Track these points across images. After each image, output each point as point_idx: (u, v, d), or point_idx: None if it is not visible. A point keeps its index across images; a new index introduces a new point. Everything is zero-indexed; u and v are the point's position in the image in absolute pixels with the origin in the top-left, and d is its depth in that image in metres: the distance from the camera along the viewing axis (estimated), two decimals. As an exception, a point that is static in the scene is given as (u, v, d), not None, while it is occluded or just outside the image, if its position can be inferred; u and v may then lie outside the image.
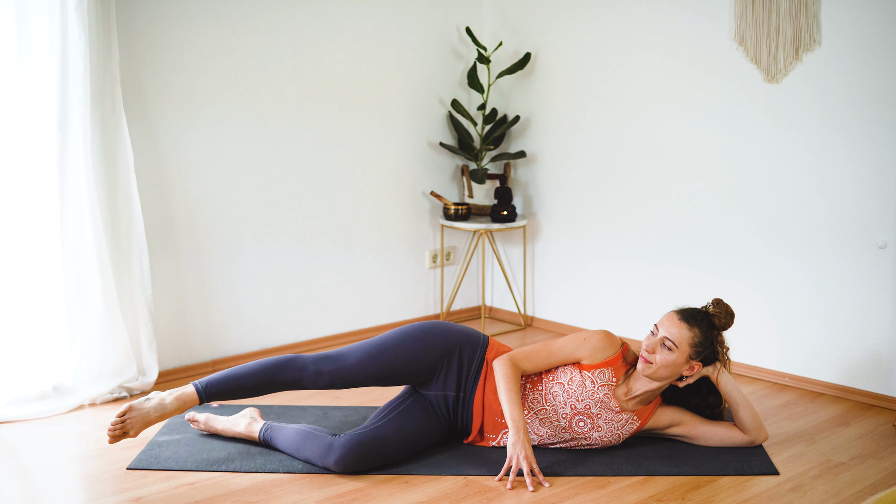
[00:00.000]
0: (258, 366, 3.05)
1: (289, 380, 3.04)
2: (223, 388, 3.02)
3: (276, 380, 3.03)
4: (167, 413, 2.96)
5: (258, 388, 3.03)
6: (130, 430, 2.93)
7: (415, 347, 3.07)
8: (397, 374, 3.06)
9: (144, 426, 2.95)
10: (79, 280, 3.51)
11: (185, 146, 3.85)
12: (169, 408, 2.97)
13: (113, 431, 2.91)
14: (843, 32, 3.54)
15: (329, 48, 4.22)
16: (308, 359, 3.06)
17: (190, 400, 2.99)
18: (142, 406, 2.95)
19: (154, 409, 2.95)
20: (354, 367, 3.04)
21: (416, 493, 2.80)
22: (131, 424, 2.93)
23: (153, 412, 2.95)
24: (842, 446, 3.19)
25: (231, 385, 3.02)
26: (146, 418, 2.94)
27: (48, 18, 3.35)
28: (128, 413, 2.93)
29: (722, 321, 3.00)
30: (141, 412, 2.94)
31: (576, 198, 4.52)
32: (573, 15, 4.41)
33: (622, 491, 2.83)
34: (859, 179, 3.57)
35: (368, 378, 3.06)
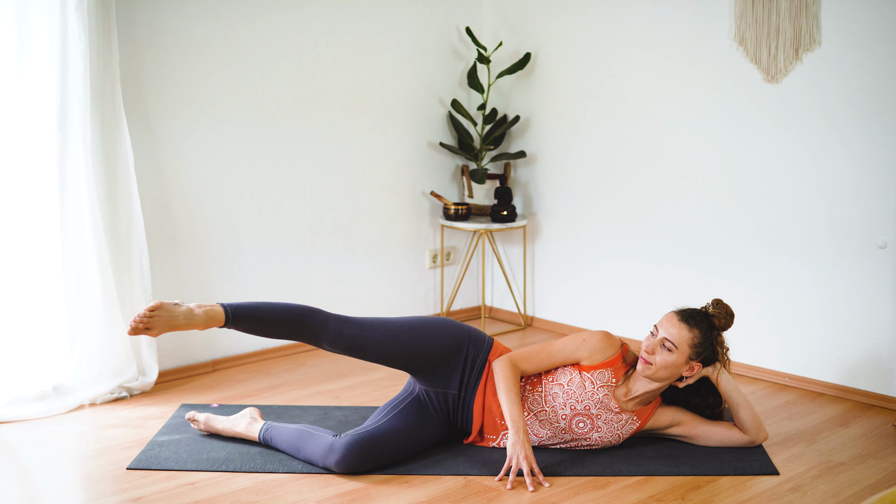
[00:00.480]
0: (286, 307, 3.02)
1: (311, 329, 3.00)
2: (250, 316, 2.98)
3: (301, 325, 3.00)
4: (193, 323, 2.91)
5: (281, 327, 3.00)
6: (155, 327, 2.87)
7: (432, 335, 3.07)
8: (415, 358, 3.05)
9: (169, 329, 2.88)
10: (79, 280, 3.51)
11: (185, 146, 3.85)
12: (197, 319, 2.92)
13: (137, 324, 2.85)
14: (843, 32, 3.55)
15: (329, 48, 4.23)
16: (331, 317, 3.03)
17: (217, 317, 2.94)
18: (172, 308, 2.90)
19: (183, 315, 2.91)
20: (374, 340, 3.02)
21: (416, 493, 2.80)
22: (157, 322, 2.87)
23: (181, 317, 2.90)
24: (842, 446, 3.19)
25: (257, 315, 2.99)
26: (173, 321, 2.89)
27: (48, 18, 3.35)
28: (157, 310, 2.88)
29: (722, 322, 3.00)
30: (171, 313, 2.89)
31: (576, 198, 4.52)
32: (573, 15, 4.41)
33: (622, 491, 2.83)
34: (859, 179, 3.57)
35: (385, 357, 3.05)
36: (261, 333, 3.03)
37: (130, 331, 2.86)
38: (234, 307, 2.97)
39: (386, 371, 3.98)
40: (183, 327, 2.90)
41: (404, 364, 3.07)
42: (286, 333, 3.02)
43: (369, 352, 3.04)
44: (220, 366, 4.03)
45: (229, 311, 2.95)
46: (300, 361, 4.15)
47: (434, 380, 3.07)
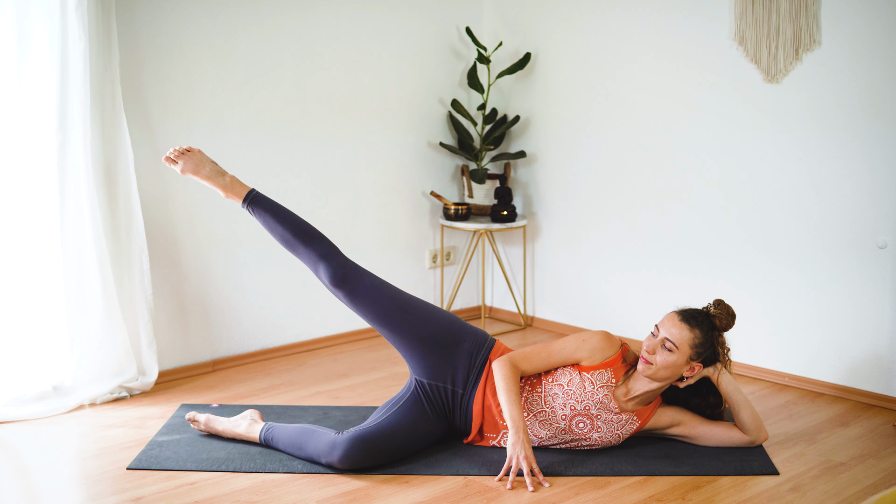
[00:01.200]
0: (301, 222, 3.17)
1: (318, 248, 3.13)
2: (268, 208, 3.17)
3: (311, 239, 3.14)
4: (216, 181, 3.19)
5: (288, 235, 3.14)
6: (183, 163, 3.18)
7: (435, 316, 3.12)
8: (405, 323, 3.08)
9: (193, 172, 3.19)
10: (79, 280, 3.51)
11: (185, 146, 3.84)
12: (223, 180, 3.20)
13: (171, 154, 3.19)
14: (842, 32, 3.55)
15: (329, 48, 4.23)
16: (342, 255, 3.15)
17: (240, 189, 3.20)
18: (205, 159, 3.19)
19: (211, 168, 3.20)
20: (366, 288, 3.10)
21: (416, 493, 2.80)
22: (188, 159, 3.19)
23: (209, 168, 3.20)
24: (842, 446, 3.19)
25: (274, 212, 3.16)
26: (200, 166, 3.19)
27: (48, 18, 3.35)
28: (192, 151, 3.18)
29: (723, 322, 3.00)
30: (202, 159, 3.21)
31: (576, 198, 4.52)
32: (573, 15, 4.41)
33: (622, 491, 2.83)
34: (859, 179, 3.57)
35: (371, 311, 3.11)
36: (270, 228, 3.19)
37: (165, 158, 3.20)
38: (259, 195, 3.18)
39: (386, 371, 3.98)
40: (206, 178, 3.19)
41: (393, 327, 3.10)
42: (292, 240, 3.15)
43: (358, 297, 3.10)
44: (220, 366, 4.03)
45: (253, 192, 3.18)
46: (300, 361, 4.15)
47: (429, 367, 3.06)
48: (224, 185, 3.20)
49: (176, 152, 3.20)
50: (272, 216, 3.16)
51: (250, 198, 3.18)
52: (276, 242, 4.11)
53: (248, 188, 3.20)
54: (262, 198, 3.19)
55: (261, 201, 3.18)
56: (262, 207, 3.17)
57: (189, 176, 3.24)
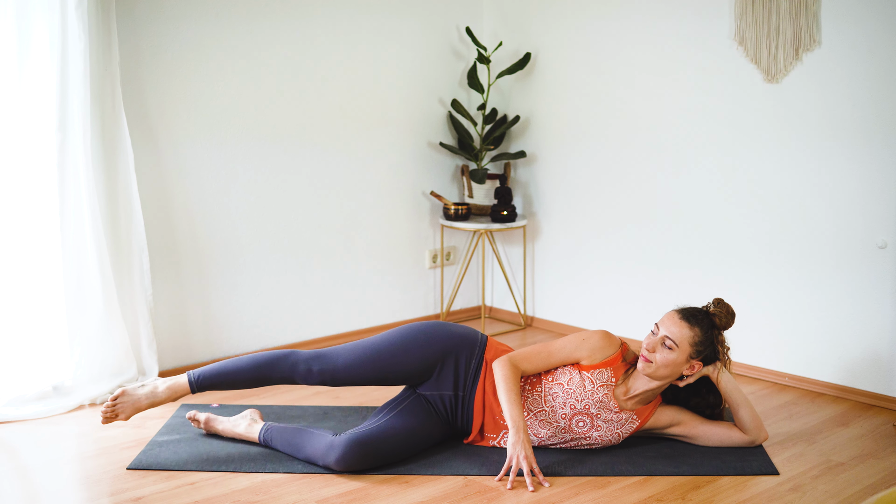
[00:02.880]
0: (251, 361, 3.11)
1: (279, 376, 3.10)
2: (215, 381, 3.10)
3: (268, 376, 3.10)
4: (158, 401, 3.08)
5: (250, 382, 3.11)
6: (121, 413, 3.06)
7: (408, 351, 3.08)
8: (389, 375, 3.09)
9: (135, 411, 3.07)
10: (79, 280, 3.51)
11: (185, 146, 3.85)
12: (160, 396, 3.08)
13: (105, 413, 3.05)
14: (843, 32, 3.55)
15: (329, 48, 4.22)
16: (300, 356, 3.11)
17: (182, 390, 3.09)
18: (134, 392, 3.07)
19: (145, 397, 3.08)
20: (343, 369, 3.08)
21: (416, 493, 2.80)
22: (122, 409, 3.06)
23: (144, 399, 3.07)
24: (842, 446, 3.19)
25: (223, 378, 3.10)
26: (137, 404, 3.07)
27: (48, 18, 3.35)
28: (120, 398, 3.06)
29: (722, 321, 3.00)
30: (133, 398, 3.07)
31: (576, 197, 4.52)
32: (573, 15, 4.41)
33: (622, 491, 2.83)
34: (859, 179, 3.57)
35: (357, 380, 3.10)
36: (234, 389, 3.19)
37: (102, 420, 3.05)
38: (199, 375, 3.10)
39: (386, 371, 3.98)
40: (149, 406, 3.08)
41: (386, 382, 3.11)
42: (259, 384, 3.12)
43: (346, 380, 3.10)
44: (220, 366, 4.02)
45: (193, 380, 3.09)
46: (300, 361, 4.14)
47: (425, 384, 3.08)
48: (168, 396, 3.06)
49: (107, 408, 3.03)
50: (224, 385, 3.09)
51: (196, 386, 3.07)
52: (276, 243, 4.14)
53: (185, 380, 3.07)
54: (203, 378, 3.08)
55: (205, 382, 3.08)
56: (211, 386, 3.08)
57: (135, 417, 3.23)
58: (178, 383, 3.09)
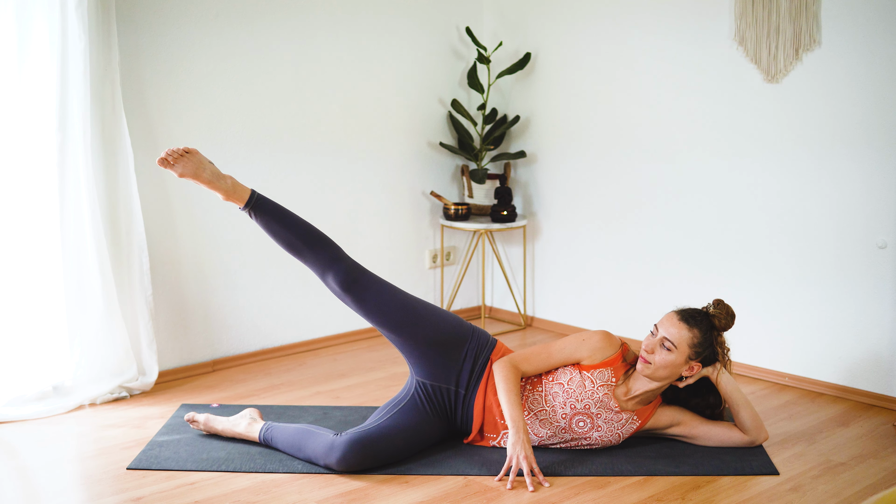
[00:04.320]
0: (308, 226, 3.07)
1: (317, 257, 3.04)
2: (271, 212, 3.04)
3: (311, 246, 3.04)
4: (217, 184, 3.00)
5: (297, 236, 3.04)
6: (181, 165, 2.97)
7: (442, 317, 3.10)
8: (413, 326, 3.06)
9: (192, 176, 2.98)
10: (79, 280, 3.51)
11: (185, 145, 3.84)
12: (222, 183, 3.01)
13: (167, 156, 2.96)
14: (843, 32, 3.55)
15: (329, 48, 4.22)
16: (347, 260, 3.07)
17: (240, 194, 3.02)
18: (205, 160, 3.01)
19: (211, 172, 3.01)
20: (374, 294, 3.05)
21: (416, 493, 2.80)
22: (187, 161, 2.98)
23: (208, 172, 3.00)
24: (842, 446, 3.19)
25: (278, 216, 3.04)
26: (199, 169, 2.98)
27: (48, 18, 3.35)
28: (192, 153, 2.99)
29: (722, 322, 3.00)
30: (202, 163, 3.00)
31: (576, 198, 4.52)
32: (573, 15, 4.41)
33: (622, 491, 2.83)
34: (859, 179, 3.57)
35: (379, 312, 3.06)
36: (273, 233, 3.06)
37: (159, 161, 2.96)
38: (262, 198, 3.04)
39: (386, 371, 3.98)
40: (205, 182, 2.99)
41: (400, 329, 3.07)
42: (298, 244, 3.04)
43: (365, 303, 3.05)
44: (220, 366, 4.03)
45: (255, 195, 3.03)
46: (300, 361, 4.15)
47: (431, 368, 3.06)
48: (226, 188, 3.00)
49: (173, 155, 2.97)
50: (275, 221, 3.03)
51: (252, 201, 3.03)
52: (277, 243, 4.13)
53: (249, 190, 3.03)
54: (265, 201, 3.05)
55: (263, 205, 3.04)
56: (264, 212, 3.03)
57: (188, 180, 3.10)
58: (243, 188, 3.03)
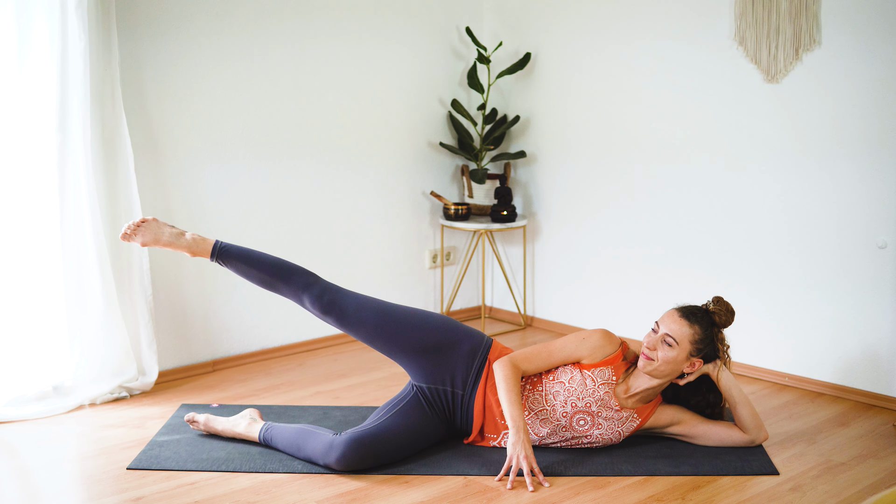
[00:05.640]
0: (275, 260, 3.12)
1: (292, 288, 3.08)
2: (237, 256, 3.11)
3: (284, 280, 3.09)
4: (178, 244, 3.10)
5: (266, 275, 3.09)
6: (141, 236, 3.09)
7: (426, 321, 3.10)
8: (395, 336, 3.06)
9: (154, 242, 3.11)
10: (79, 280, 3.51)
11: (185, 145, 3.85)
12: (182, 242, 3.10)
13: (126, 231, 3.10)
14: (843, 32, 3.55)
15: (329, 48, 4.22)
16: (320, 280, 3.11)
17: (204, 248, 3.11)
18: (162, 225, 3.11)
19: (170, 234, 3.11)
20: (353, 309, 3.07)
21: (416, 493, 2.80)
22: (145, 230, 3.10)
23: (167, 236, 3.11)
24: (842, 446, 3.19)
25: (245, 259, 3.10)
26: (158, 234, 3.10)
27: (48, 18, 3.35)
28: (148, 222, 3.10)
29: (722, 318, 3.01)
30: (158, 228, 3.11)
31: (576, 197, 4.52)
32: (573, 15, 4.41)
33: (622, 491, 2.83)
34: (859, 179, 3.57)
35: (361, 324, 3.07)
36: (245, 275, 3.13)
37: (122, 236, 3.11)
38: (225, 245, 3.11)
39: (386, 371, 3.98)
40: (168, 245, 3.10)
41: (384, 339, 3.07)
42: (271, 283, 3.09)
43: (347, 319, 3.07)
44: (220, 366, 4.03)
45: (218, 245, 3.10)
46: (300, 361, 4.15)
47: (426, 373, 3.06)
48: (188, 245, 3.11)
49: (131, 227, 3.10)
50: (243, 263, 3.11)
51: (217, 250, 3.11)
52: (276, 242, 4.13)
53: (212, 242, 3.12)
54: (229, 248, 3.12)
55: (227, 252, 3.12)
56: (230, 257, 3.11)
57: (150, 247, 3.24)
58: (205, 241, 3.10)
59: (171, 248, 3.13)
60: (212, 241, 3.13)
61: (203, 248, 3.11)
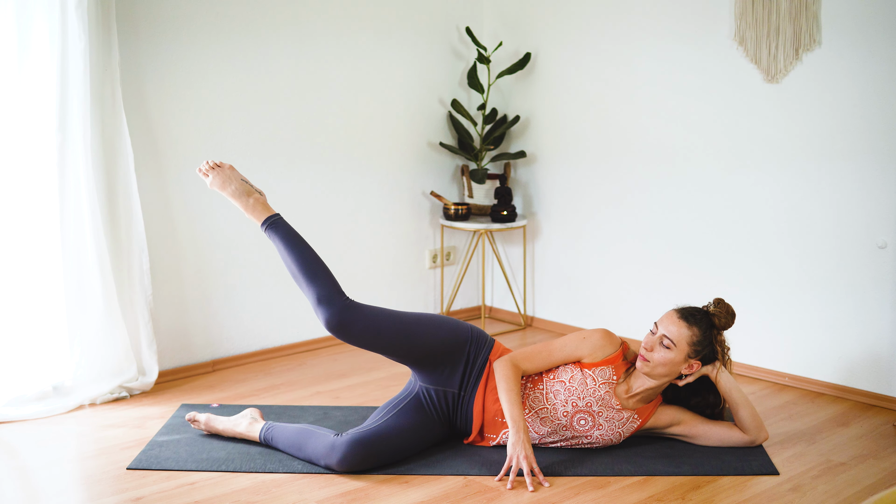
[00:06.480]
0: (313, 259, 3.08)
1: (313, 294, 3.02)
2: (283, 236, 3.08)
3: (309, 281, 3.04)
4: (240, 200, 3.14)
5: (294, 269, 3.06)
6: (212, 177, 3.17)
7: (439, 326, 3.07)
8: (412, 341, 3.02)
9: (220, 187, 3.16)
10: (79, 280, 3.51)
11: (185, 145, 3.85)
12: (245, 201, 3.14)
13: (202, 167, 3.19)
14: (843, 32, 3.55)
15: (329, 48, 4.22)
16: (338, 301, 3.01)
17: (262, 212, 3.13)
18: (233, 176, 3.18)
19: (237, 186, 3.17)
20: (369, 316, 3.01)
21: (416, 493, 2.80)
22: (216, 174, 3.17)
23: (234, 186, 3.15)
24: (842, 446, 3.19)
25: (288, 242, 3.08)
26: (227, 182, 3.17)
27: (48, 18, 3.35)
28: (222, 167, 3.18)
29: (722, 321, 3.00)
30: (230, 176, 3.16)
31: (576, 198, 4.52)
32: (573, 15, 4.41)
33: (622, 491, 2.83)
34: (859, 179, 3.57)
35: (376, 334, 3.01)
36: (282, 257, 3.11)
37: (198, 169, 3.21)
38: (281, 221, 3.11)
39: (386, 371, 3.98)
40: (230, 196, 3.16)
41: (399, 346, 3.03)
42: (298, 275, 3.06)
43: (354, 339, 3.02)
44: (220, 366, 4.03)
45: (275, 217, 3.12)
46: (300, 361, 4.15)
47: (435, 376, 3.07)
48: (246, 205, 3.14)
49: (207, 165, 3.19)
50: (285, 245, 3.08)
51: (269, 222, 3.12)
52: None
53: (270, 212, 3.13)
54: (282, 225, 3.11)
55: (279, 227, 3.10)
56: (278, 234, 3.10)
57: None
58: (264, 205, 3.14)
59: (231, 200, 3.18)
60: (271, 212, 3.14)
61: (259, 213, 3.14)
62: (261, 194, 3.20)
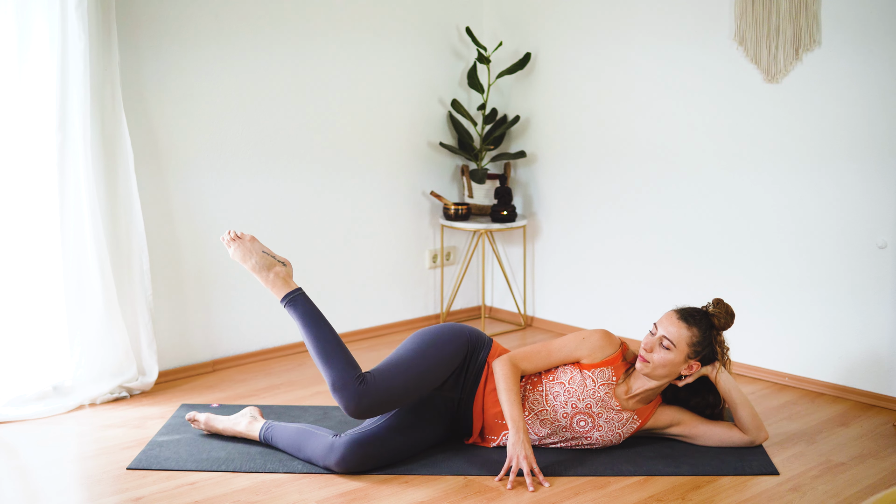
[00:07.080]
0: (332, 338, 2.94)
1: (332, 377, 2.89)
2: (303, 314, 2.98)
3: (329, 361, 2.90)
4: (260, 275, 3.03)
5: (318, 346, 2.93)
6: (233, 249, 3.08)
7: (442, 349, 3.00)
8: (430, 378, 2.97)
9: (241, 260, 3.06)
10: (79, 280, 3.51)
11: (185, 145, 3.85)
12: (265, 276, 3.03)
13: (227, 235, 3.10)
14: (843, 32, 3.55)
15: (329, 48, 4.22)
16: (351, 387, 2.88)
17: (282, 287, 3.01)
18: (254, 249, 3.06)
19: (257, 260, 3.04)
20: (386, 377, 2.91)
21: (416, 493, 2.80)
22: (237, 246, 3.07)
23: (255, 261, 3.05)
24: (842, 446, 3.19)
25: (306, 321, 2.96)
26: (247, 256, 3.05)
27: (48, 18, 3.35)
28: (243, 239, 3.08)
29: (721, 321, 3.00)
30: (251, 250, 3.06)
31: (576, 198, 4.52)
32: (573, 15, 4.41)
33: (622, 491, 2.83)
34: (859, 179, 3.57)
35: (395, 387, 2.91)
36: (303, 332, 2.97)
37: (221, 238, 3.12)
38: (301, 297, 3.00)
39: (386, 371, 3.98)
40: (251, 270, 3.06)
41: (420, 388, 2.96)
42: (314, 355, 2.93)
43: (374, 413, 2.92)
44: (220, 366, 4.03)
45: (296, 294, 3.00)
46: (300, 361, 4.15)
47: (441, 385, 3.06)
48: (266, 280, 3.03)
49: (232, 232, 3.11)
50: (302, 324, 2.97)
51: (289, 298, 2.99)
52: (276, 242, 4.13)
53: (290, 287, 3.01)
54: (301, 302, 2.99)
55: (297, 305, 2.99)
56: (297, 312, 2.98)
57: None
58: (284, 281, 3.02)
59: (253, 275, 3.12)
60: (291, 287, 3.02)
61: (279, 289, 3.02)
62: (284, 265, 3.07)
